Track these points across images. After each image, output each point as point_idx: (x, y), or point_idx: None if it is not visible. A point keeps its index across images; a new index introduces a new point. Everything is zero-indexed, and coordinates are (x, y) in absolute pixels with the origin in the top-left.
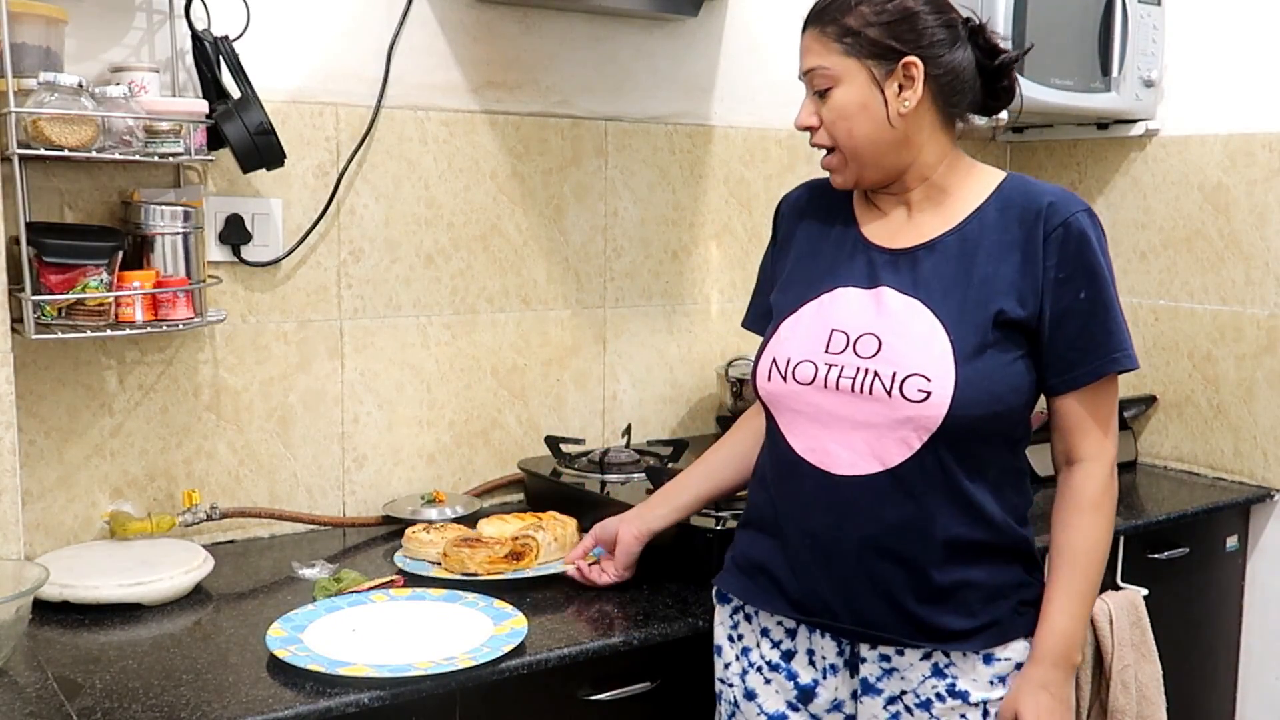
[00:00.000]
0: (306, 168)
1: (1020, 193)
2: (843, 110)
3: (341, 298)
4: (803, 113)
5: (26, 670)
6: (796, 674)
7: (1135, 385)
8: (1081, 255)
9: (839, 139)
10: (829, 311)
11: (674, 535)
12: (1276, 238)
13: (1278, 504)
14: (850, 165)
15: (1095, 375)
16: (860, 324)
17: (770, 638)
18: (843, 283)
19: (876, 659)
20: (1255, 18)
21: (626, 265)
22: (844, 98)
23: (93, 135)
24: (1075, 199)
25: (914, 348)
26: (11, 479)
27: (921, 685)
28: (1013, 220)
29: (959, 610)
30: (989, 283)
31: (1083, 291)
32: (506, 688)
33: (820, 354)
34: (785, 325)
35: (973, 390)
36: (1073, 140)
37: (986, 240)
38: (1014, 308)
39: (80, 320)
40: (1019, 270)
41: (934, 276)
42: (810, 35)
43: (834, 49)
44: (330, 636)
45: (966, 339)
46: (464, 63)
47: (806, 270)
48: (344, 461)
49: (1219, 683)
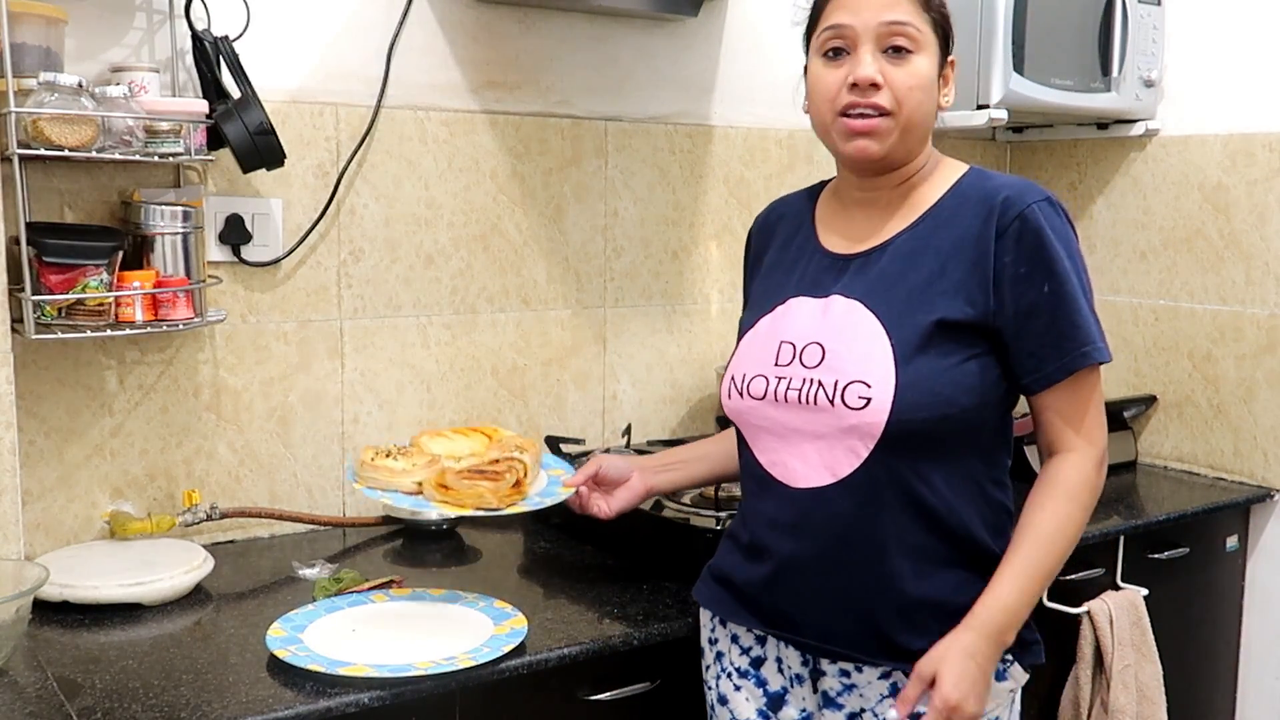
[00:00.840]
0: (306, 168)
1: (976, 187)
2: (923, 80)
3: (341, 298)
4: (869, 67)
5: (26, 670)
6: (766, 681)
7: (1135, 385)
8: (1040, 249)
9: (909, 107)
10: (780, 324)
11: (674, 535)
12: (1276, 238)
13: (1278, 504)
14: (894, 136)
15: (1066, 371)
16: (807, 333)
17: (740, 644)
18: (795, 293)
19: (836, 673)
20: (1255, 18)
21: (626, 265)
22: (925, 68)
23: (93, 135)
24: (1033, 189)
25: (855, 354)
26: (11, 479)
27: (879, 704)
28: (966, 215)
29: (919, 628)
30: (933, 282)
31: (1045, 285)
32: (506, 688)
33: (770, 367)
34: (744, 341)
35: (915, 394)
36: (1073, 140)
37: (937, 237)
38: (959, 308)
39: (80, 320)
40: (967, 268)
41: (880, 278)
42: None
43: (922, 15)
44: (330, 636)
45: (907, 341)
46: (464, 63)
47: (766, 286)
48: (344, 461)
49: (1219, 683)
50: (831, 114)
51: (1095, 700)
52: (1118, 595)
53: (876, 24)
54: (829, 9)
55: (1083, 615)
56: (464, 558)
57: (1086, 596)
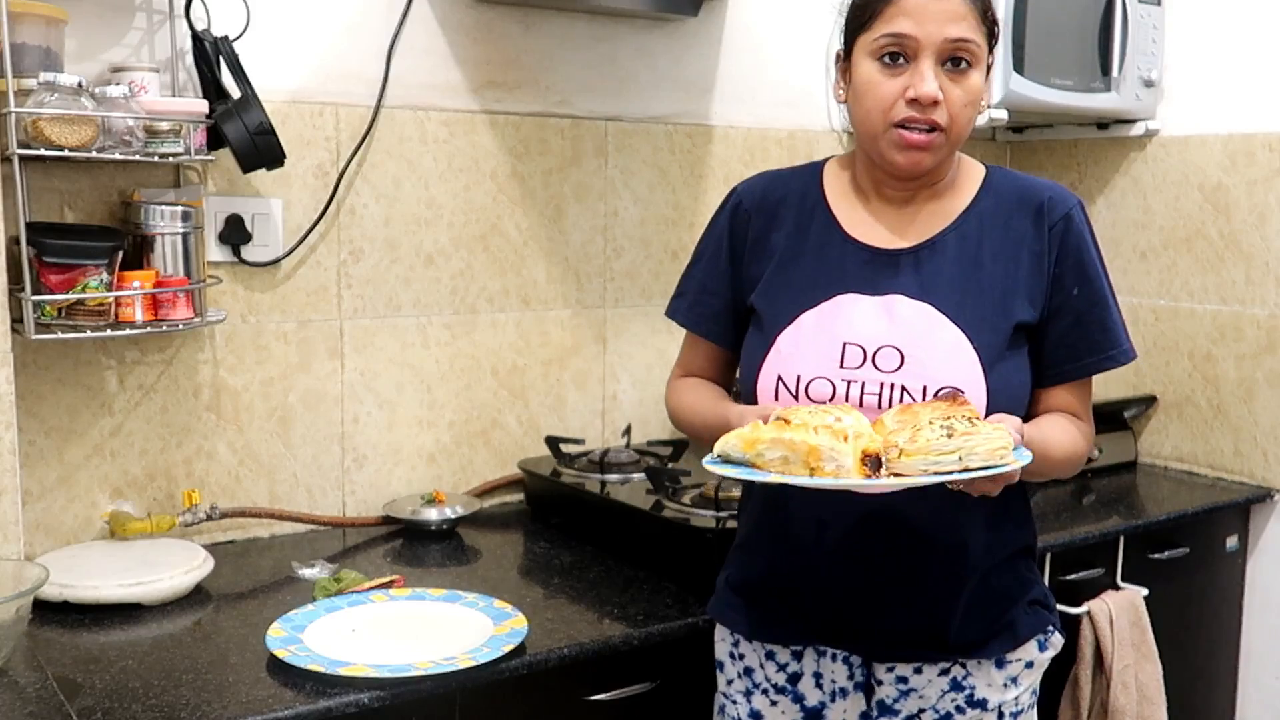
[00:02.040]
0: (306, 168)
1: (1011, 187)
2: (976, 96)
3: (341, 298)
4: (931, 83)
5: (26, 670)
6: (803, 696)
7: (1135, 385)
8: (1079, 251)
9: (960, 123)
10: (833, 323)
11: (674, 535)
12: (1276, 238)
13: (1278, 504)
14: (946, 150)
15: (1089, 372)
16: (875, 336)
17: (776, 660)
18: (841, 289)
19: (893, 681)
20: (1255, 18)
21: (626, 265)
22: (978, 83)
23: (93, 135)
24: (1069, 192)
25: (939, 359)
26: (11, 479)
27: (940, 700)
28: (1012, 215)
29: (977, 618)
30: (1002, 285)
31: (1076, 288)
32: (506, 688)
33: (835, 370)
34: (784, 338)
35: (1003, 398)
36: (1073, 140)
37: (989, 238)
38: (1028, 310)
39: (80, 320)
40: (1030, 270)
41: (942, 279)
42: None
43: (980, 28)
44: (330, 636)
45: (990, 346)
46: (464, 63)
47: (790, 275)
48: (344, 461)
49: (1219, 683)
50: (884, 123)
51: (1095, 700)
52: (1118, 595)
53: (941, 38)
54: (889, 11)
55: (1083, 615)
56: (464, 558)
57: (1086, 596)
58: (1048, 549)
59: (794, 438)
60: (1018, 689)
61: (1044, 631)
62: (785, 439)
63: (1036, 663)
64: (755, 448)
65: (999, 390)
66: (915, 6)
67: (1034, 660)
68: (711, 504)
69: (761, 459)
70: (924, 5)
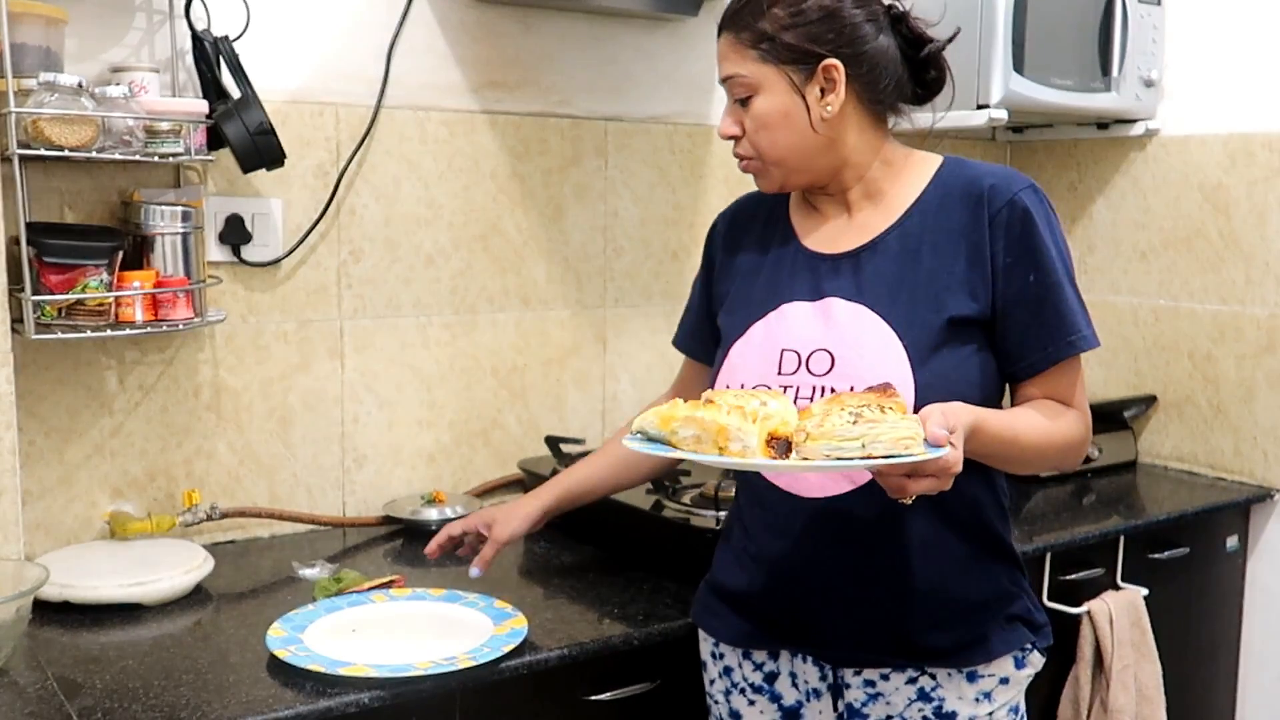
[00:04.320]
0: (306, 168)
1: (959, 177)
2: (764, 119)
3: (341, 298)
4: (725, 121)
5: (26, 670)
6: (780, 696)
7: (1135, 385)
8: (1027, 237)
9: (762, 149)
10: (777, 330)
11: (674, 535)
12: (1276, 238)
13: (1278, 504)
14: (774, 172)
15: (1051, 361)
16: (810, 340)
17: (752, 660)
18: (787, 298)
19: (861, 684)
20: (1255, 18)
21: (626, 265)
22: (765, 106)
23: (93, 135)
24: (1018, 177)
25: (867, 358)
26: (11, 479)
27: (908, 709)
28: (954, 207)
29: (944, 625)
30: (937, 279)
31: (1031, 275)
32: (506, 688)
33: (773, 377)
34: (735, 350)
35: (933, 393)
36: (1073, 140)
37: (929, 233)
38: (966, 304)
39: (80, 320)
40: (968, 262)
41: (878, 278)
42: (725, 41)
43: (750, 55)
44: (330, 636)
45: (920, 341)
46: (464, 63)
47: (749, 290)
48: (344, 461)
49: (1219, 683)
50: None
51: (1095, 700)
52: (1118, 595)
53: (721, 81)
54: None
55: (1083, 615)
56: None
57: (1086, 596)
58: (1048, 549)
59: (704, 416)
60: (991, 705)
61: (1021, 649)
62: (697, 417)
63: (1013, 680)
64: (670, 425)
65: (931, 385)
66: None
67: (1010, 677)
68: (711, 504)
69: (676, 436)
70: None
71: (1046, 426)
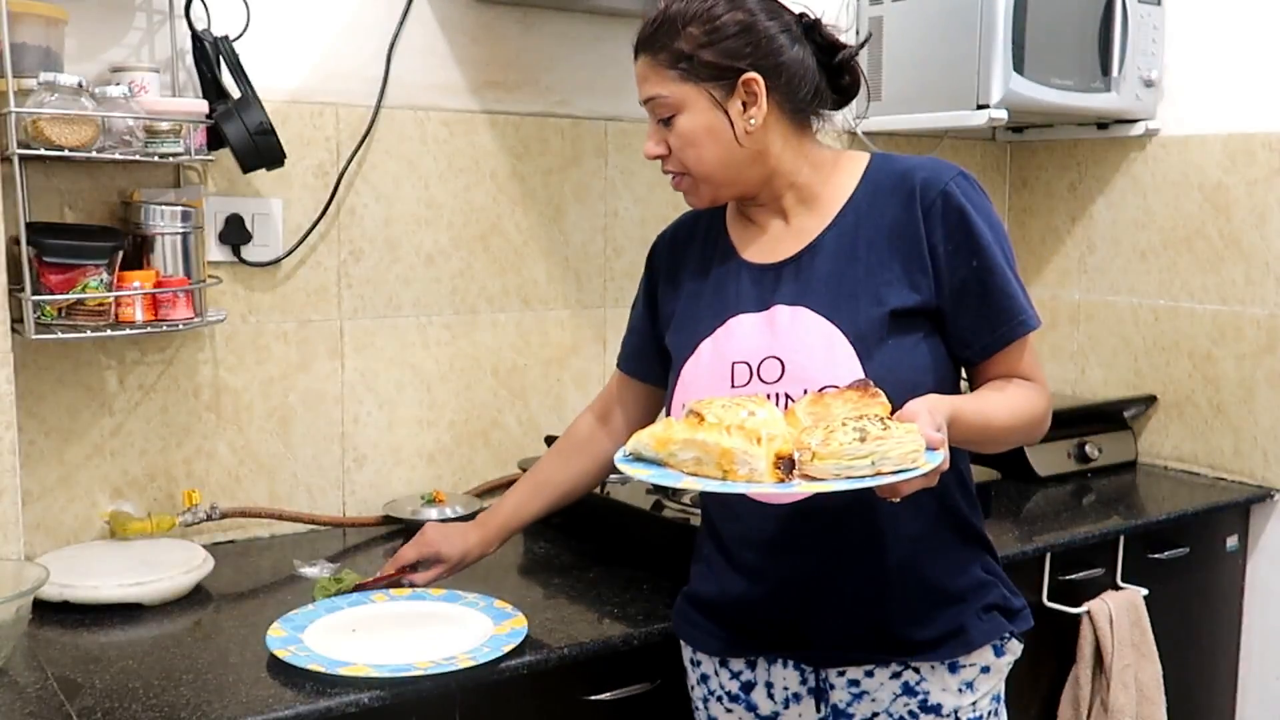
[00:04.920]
0: (306, 168)
1: (888, 173)
2: (689, 137)
3: (341, 298)
4: (650, 142)
5: (26, 670)
6: (756, 705)
7: (1135, 385)
8: (964, 224)
9: (689, 165)
10: (725, 345)
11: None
12: (1276, 238)
13: (1278, 504)
14: (704, 188)
15: (1005, 341)
16: (758, 349)
17: (729, 668)
18: (734, 311)
19: (845, 685)
20: (1255, 18)
21: (626, 265)
22: (688, 124)
23: (93, 135)
24: (947, 166)
25: (816, 360)
26: (11, 479)
27: (893, 704)
28: (886, 202)
29: (923, 618)
30: (875, 274)
31: (973, 260)
32: (506, 688)
33: (727, 390)
34: (686, 369)
35: (884, 385)
36: (1073, 140)
37: (864, 229)
38: (906, 295)
39: (80, 320)
40: (905, 254)
41: (817, 280)
42: (643, 63)
43: (669, 76)
44: (330, 636)
45: (865, 336)
46: (464, 63)
47: (694, 309)
48: (344, 461)
49: (1219, 683)
50: None
51: (1095, 700)
52: (1118, 595)
53: (641, 101)
54: None
55: (1083, 615)
56: None
57: (1086, 596)
58: (1048, 549)
59: (707, 439)
60: (975, 694)
61: (1000, 638)
62: (698, 440)
63: (994, 668)
64: (668, 447)
65: (883, 379)
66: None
67: (990, 665)
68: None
69: (674, 459)
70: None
71: (1011, 405)
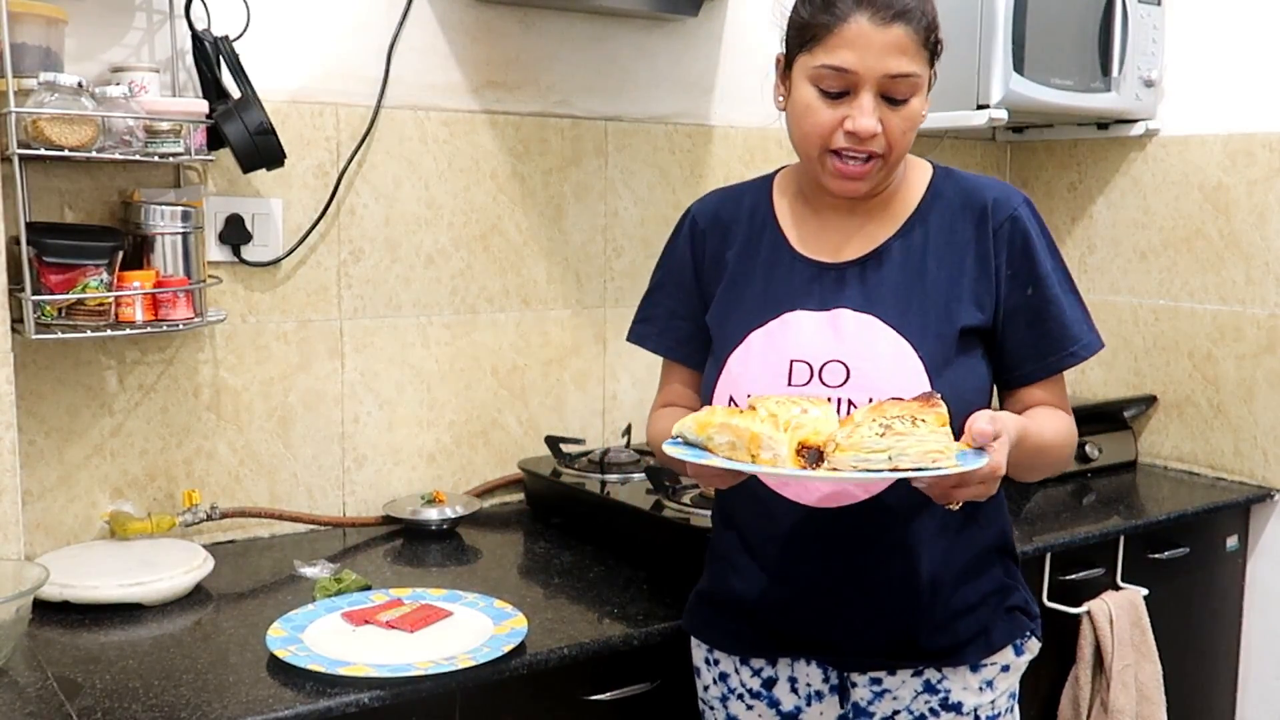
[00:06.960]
0: (306, 168)
1: (957, 190)
2: (915, 121)
3: (341, 298)
4: (871, 119)
5: (26, 670)
6: (779, 701)
7: (1135, 385)
8: (1027, 251)
9: (899, 150)
10: (782, 340)
11: (674, 535)
12: (1276, 238)
13: (1278, 504)
14: (880, 175)
15: (1052, 371)
16: (822, 351)
17: (750, 665)
18: (790, 306)
19: (867, 683)
20: (1255, 18)
21: (626, 265)
22: (919, 108)
23: (93, 135)
24: (1015, 191)
25: (885, 370)
26: (11, 479)
27: (914, 701)
28: (957, 219)
29: (947, 625)
30: (945, 290)
31: (1029, 288)
32: (506, 688)
33: (783, 388)
34: (734, 359)
35: (953, 403)
36: (1073, 140)
37: (934, 244)
38: (974, 314)
39: (80, 320)
40: (975, 274)
41: (886, 289)
42: (903, 34)
43: (923, 55)
44: (330, 636)
45: (935, 353)
46: (464, 63)
47: (741, 294)
48: (344, 461)
49: (1219, 683)
50: (820, 149)
51: (1095, 700)
52: (1118, 595)
53: (882, 73)
54: (831, 41)
55: (1083, 615)
56: (464, 558)
57: (1086, 596)
58: (1048, 549)
59: (739, 424)
60: (994, 692)
61: (1021, 637)
62: (732, 424)
63: (1013, 666)
64: (707, 431)
65: (948, 397)
66: (857, 37)
67: (1010, 664)
68: (712, 504)
69: (712, 443)
70: (866, 36)
71: (1056, 433)
